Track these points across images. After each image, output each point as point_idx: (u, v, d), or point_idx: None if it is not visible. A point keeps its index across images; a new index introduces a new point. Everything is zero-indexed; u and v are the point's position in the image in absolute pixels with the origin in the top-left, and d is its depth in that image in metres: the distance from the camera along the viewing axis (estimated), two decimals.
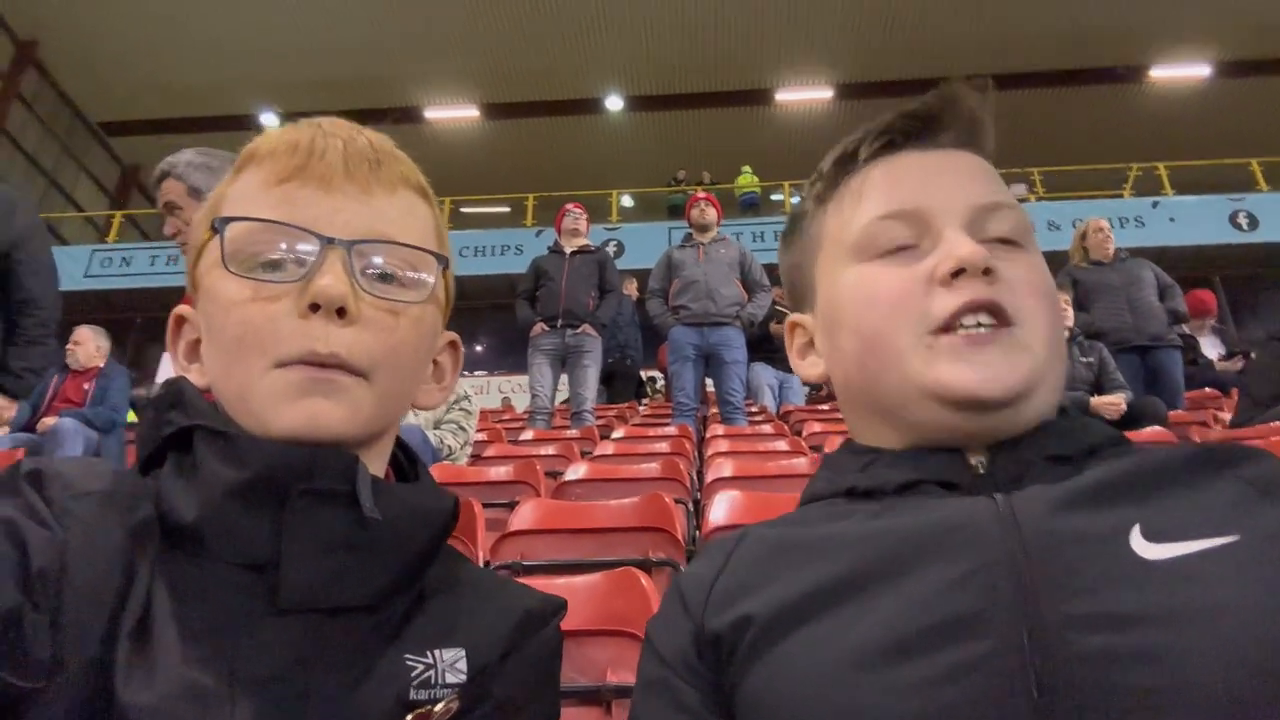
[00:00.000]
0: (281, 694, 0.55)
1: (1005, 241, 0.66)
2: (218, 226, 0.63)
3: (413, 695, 0.59)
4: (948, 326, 0.62)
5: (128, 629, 0.53)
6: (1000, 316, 0.62)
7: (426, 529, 0.65)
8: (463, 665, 0.62)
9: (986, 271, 0.62)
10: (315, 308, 0.60)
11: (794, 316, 0.78)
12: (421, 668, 0.60)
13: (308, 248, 0.62)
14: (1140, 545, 0.52)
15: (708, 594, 0.64)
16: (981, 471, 0.61)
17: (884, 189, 0.69)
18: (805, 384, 6.45)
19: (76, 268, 12.76)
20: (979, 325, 0.62)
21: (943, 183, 0.67)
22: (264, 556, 0.57)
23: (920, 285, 0.64)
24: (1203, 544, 0.51)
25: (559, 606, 0.73)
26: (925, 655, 0.51)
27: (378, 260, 0.64)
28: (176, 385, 0.64)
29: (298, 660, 0.56)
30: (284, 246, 0.62)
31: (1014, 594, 0.51)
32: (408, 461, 0.75)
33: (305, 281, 0.61)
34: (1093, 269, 4.97)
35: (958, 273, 0.62)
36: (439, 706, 0.60)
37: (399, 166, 0.69)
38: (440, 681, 0.61)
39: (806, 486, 0.73)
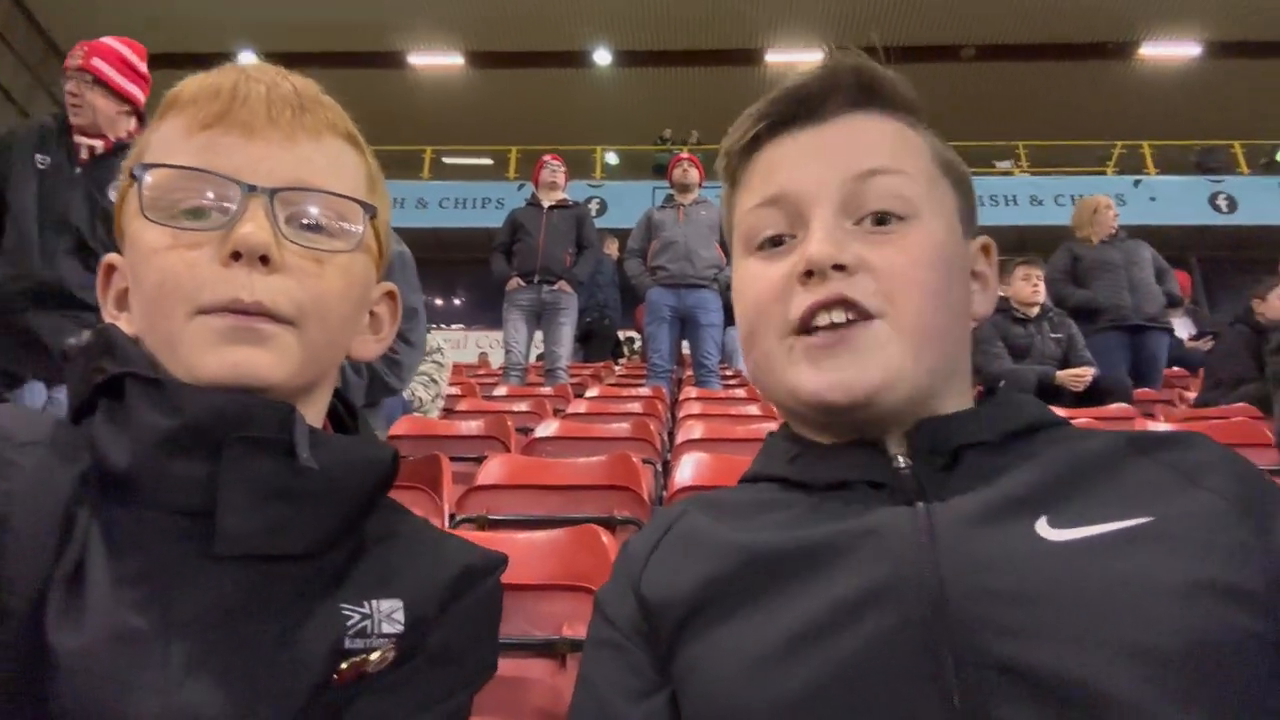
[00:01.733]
0: (216, 639, 0.56)
1: (885, 218, 0.64)
2: (136, 174, 0.62)
3: (348, 644, 0.60)
4: (805, 327, 0.63)
5: (62, 575, 0.53)
6: (855, 309, 0.62)
7: (364, 480, 0.65)
8: (400, 616, 0.63)
9: (840, 267, 0.62)
10: (237, 256, 0.60)
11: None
12: (358, 617, 0.61)
13: (229, 195, 0.61)
14: (1045, 530, 0.54)
15: (643, 565, 0.66)
16: (903, 465, 0.62)
17: (763, 176, 0.70)
18: None
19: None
20: (832, 324, 0.62)
21: (817, 161, 0.67)
22: (199, 504, 0.57)
23: (782, 285, 0.65)
24: (1110, 526, 0.53)
25: (499, 561, 0.74)
26: (831, 636, 0.53)
27: (301, 208, 0.64)
28: (107, 332, 0.64)
29: (234, 606, 0.57)
30: (206, 194, 0.62)
31: (919, 575, 0.53)
32: (347, 413, 0.75)
33: (227, 230, 0.60)
34: (1093, 246, 4.96)
35: (811, 272, 0.63)
36: (374, 656, 0.61)
37: (325, 113, 0.68)
38: (376, 631, 0.61)
39: (752, 462, 0.75)
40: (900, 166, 0.66)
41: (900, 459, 0.62)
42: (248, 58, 14.57)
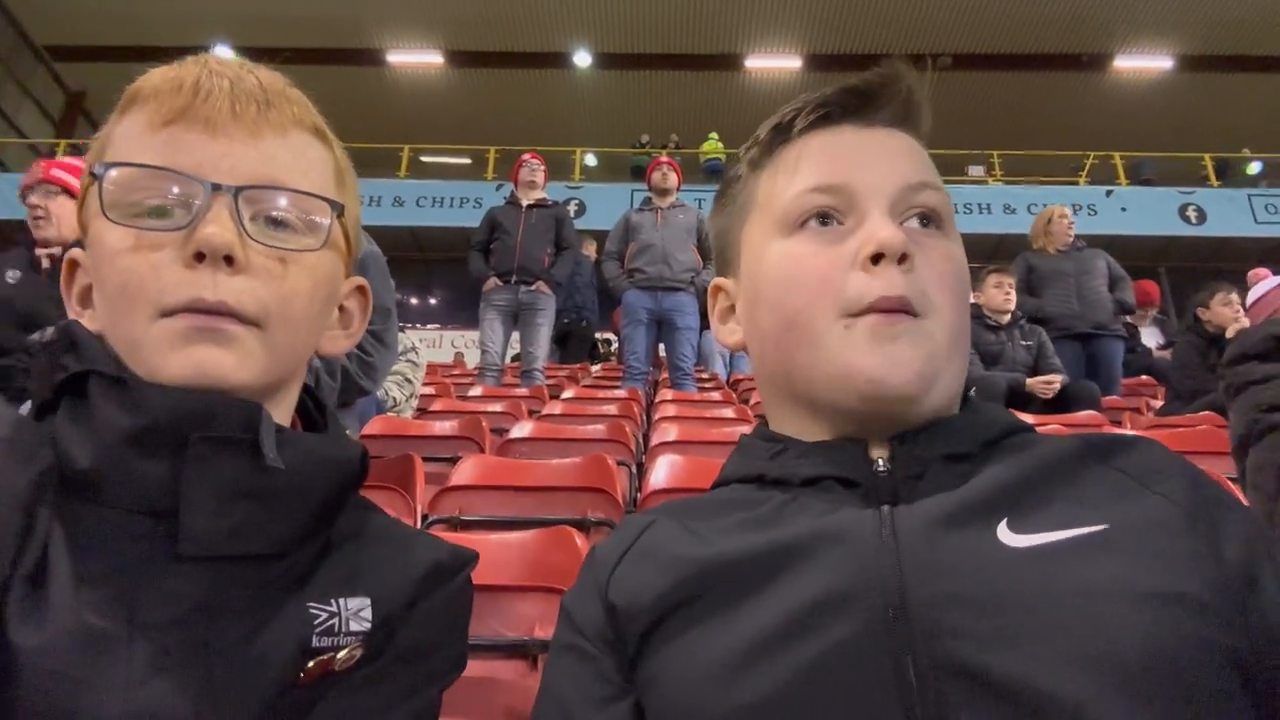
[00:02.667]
0: (181, 639, 0.55)
1: (926, 221, 0.67)
2: (97, 172, 0.61)
3: (315, 642, 0.59)
4: (864, 312, 0.63)
5: (22, 574, 0.53)
6: (908, 310, 0.62)
7: (332, 478, 0.64)
8: (367, 614, 0.63)
9: (903, 259, 0.63)
10: (201, 257, 0.59)
11: (718, 280, 0.79)
12: (325, 615, 0.60)
13: (193, 194, 0.60)
14: (1006, 536, 0.55)
15: (611, 572, 0.65)
16: (882, 468, 0.63)
17: (816, 162, 0.69)
18: (724, 349, 6.48)
19: (16, 195, 12.31)
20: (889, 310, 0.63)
21: (874, 161, 0.68)
22: (163, 504, 0.57)
23: (841, 268, 0.64)
24: (1069, 533, 0.54)
25: (469, 558, 0.73)
26: (794, 642, 0.53)
27: (266, 206, 0.63)
28: (70, 329, 0.62)
29: (199, 606, 0.56)
30: (168, 193, 0.60)
31: (882, 579, 0.54)
32: (317, 410, 0.74)
33: (190, 230, 0.59)
34: (1048, 255, 5.07)
35: (877, 257, 0.63)
36: (341, 654, 0.60)
37: (291, 107, 0.67)
38: (344, 629, 0.61)
39: (722, 467, 0.75)
40: (939, 186, 0.69)
41: (881, 462, 0.63)
42: (223, 53, 14.40)
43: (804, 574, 0.56)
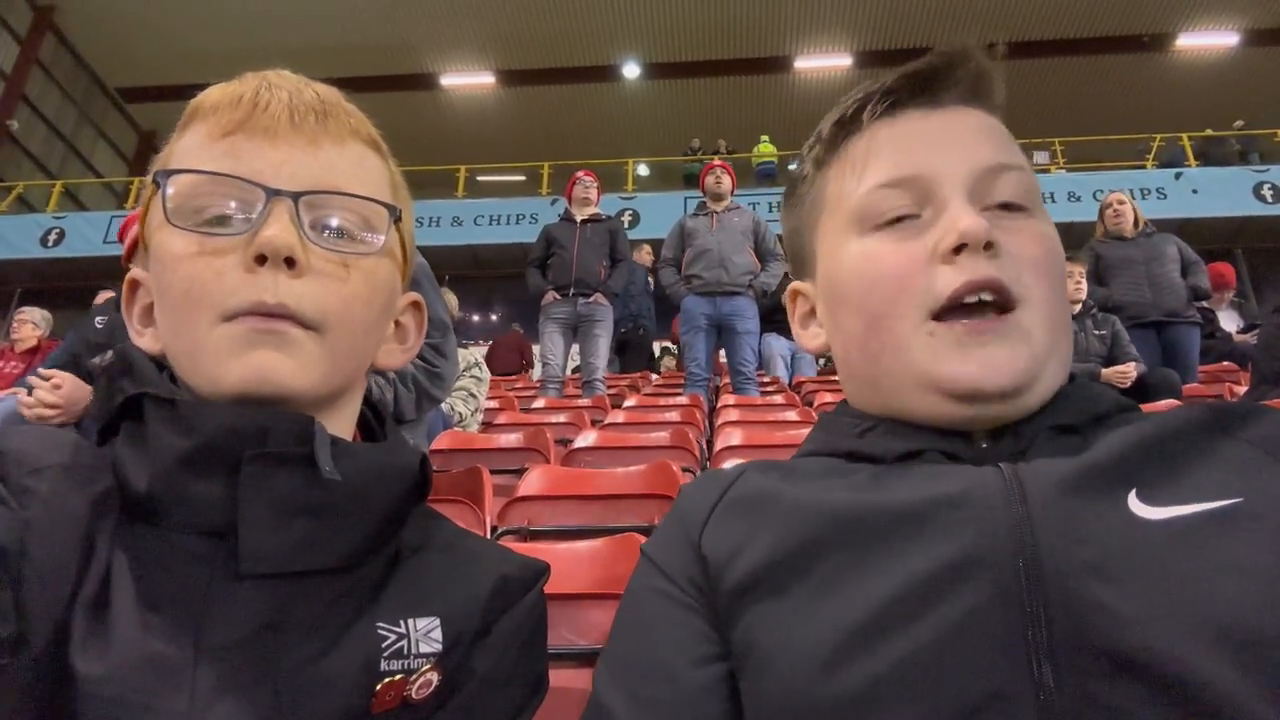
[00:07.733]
0: (248, 660, 0.54)
1: (1011, 207, 0.63)
2: (159, 180, 0.61)
3: (383, 666, 0.58)
4: (950, 307, 0.60)
5: (84, 601, 0.53)
6: (1001, 294, 0.59)
7: (391, 487, 0.63)
8: (437, 634, 0.61)
9: (988, 245, 0.59)
10: (262, 260, 0.59)
11: (795, 284, 0.76)
12: (393, 638, 0.59)
13: (254, 199, 0.60)
14: (1138, 507, 0.51)
15: (704, 522, 0.63)
16: (984, 445, 0.60)
17: (885, 155, 0.66)
18: (806, 353, 6.39)
19: (96, 233, 12.81)
20: (981, 301, 0.59)
21: (946, 146, 0.64)
22: (222, 524, 0.56)
23: (922, 262, 0.61)
24: (1202, 506, 0.50)
25: (540, 571, 0.72)
26: (916, 613, 0.50)
27: (326, 211, 0.63)
28: (126, 352, 0.63)
29: (265, 625, 0.56)
30: (230, 200, 0.60)
31: (1013, 541, 0.51)
32: (377, 422, 0.73)
33: (251, 234, 0.59)
34: (1115, 243, 4.93)
35: (959, 247, 0.60)
36: (414, 678, 0.59)
37: (348, 118, 0.67)
38: (414, 651, 0.60)
39: (802, 443, 0.71)
40: (1020, 164, 0.65)
41: (983, 443, 0.61)
42: None
43: (929, 536, 0.53)
